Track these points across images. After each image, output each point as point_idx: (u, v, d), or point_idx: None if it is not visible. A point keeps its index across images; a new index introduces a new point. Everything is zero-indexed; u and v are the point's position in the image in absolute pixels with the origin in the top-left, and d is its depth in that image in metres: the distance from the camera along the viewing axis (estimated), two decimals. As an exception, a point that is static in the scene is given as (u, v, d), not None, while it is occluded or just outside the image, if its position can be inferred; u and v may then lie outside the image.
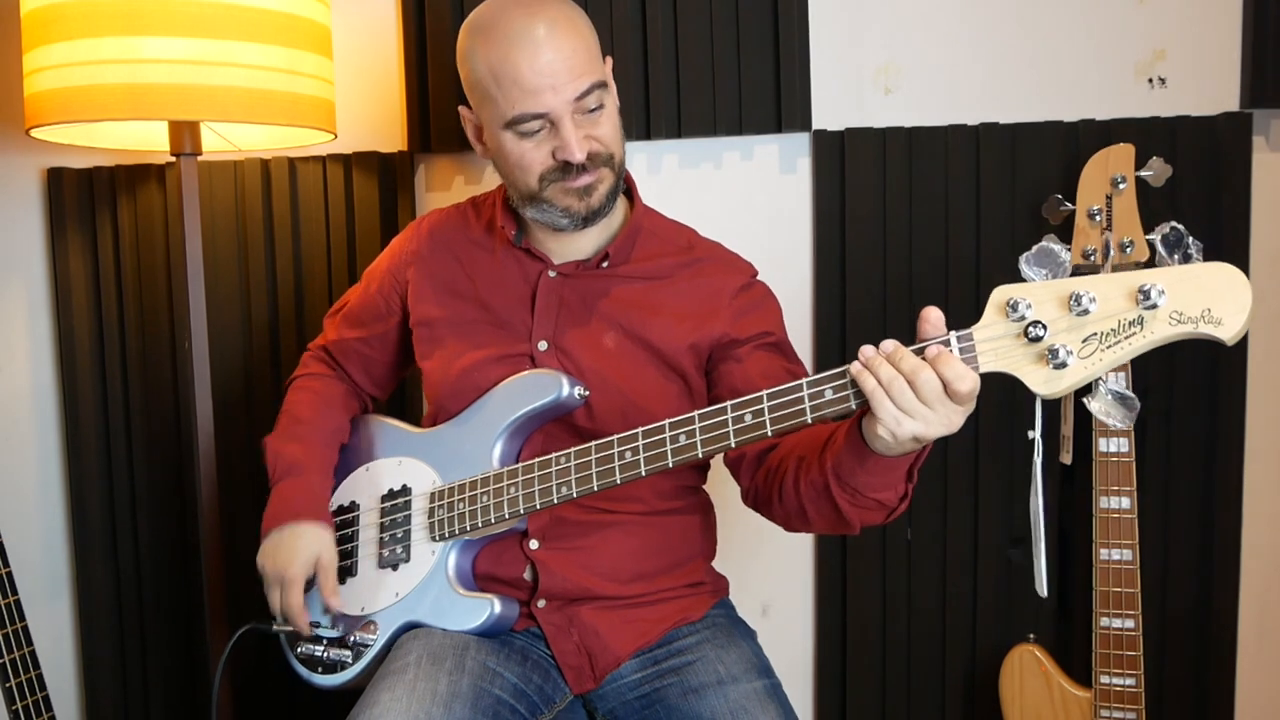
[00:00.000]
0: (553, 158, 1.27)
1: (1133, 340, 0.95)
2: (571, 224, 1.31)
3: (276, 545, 1.36)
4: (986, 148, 1.82)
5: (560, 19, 1.25)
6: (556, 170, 1.28)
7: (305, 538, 1.36)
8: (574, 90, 1.24)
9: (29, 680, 1.72)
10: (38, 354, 2.03)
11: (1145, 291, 0.93)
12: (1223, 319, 0.91)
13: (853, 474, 1.11)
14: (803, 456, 1.20)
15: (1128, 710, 1.66)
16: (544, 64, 1.23)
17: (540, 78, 1.23)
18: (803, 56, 1.84)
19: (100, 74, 1.48)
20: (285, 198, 1.92)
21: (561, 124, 1.25)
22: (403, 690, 1.18)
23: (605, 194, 1.31)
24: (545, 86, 1.23)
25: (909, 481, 1.13)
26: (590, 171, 1.28)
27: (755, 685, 1.27)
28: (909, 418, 1.00)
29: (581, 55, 1.25)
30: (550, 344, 1.34)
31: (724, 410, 1.13)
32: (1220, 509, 1.82)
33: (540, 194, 1.30)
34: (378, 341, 1.51)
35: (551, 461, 1.25)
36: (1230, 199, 1.78)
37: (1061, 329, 0.97)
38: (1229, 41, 1.81)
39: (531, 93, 1.24)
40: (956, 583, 1.88)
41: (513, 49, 1.24)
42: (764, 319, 1.37)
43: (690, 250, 1.40)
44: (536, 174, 1.29)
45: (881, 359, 1.01)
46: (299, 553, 1.35)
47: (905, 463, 1.09)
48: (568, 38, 1.25)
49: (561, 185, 1.29)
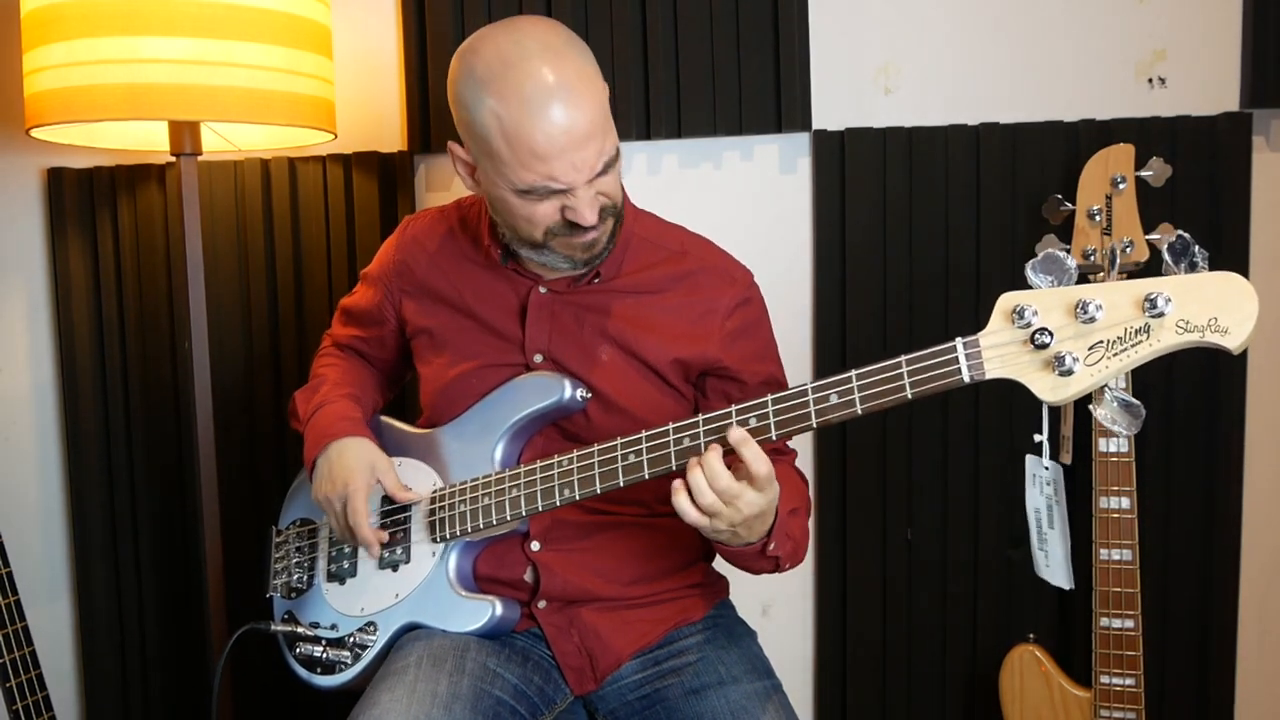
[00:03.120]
0: (561, 215, 1.22)
1: (1139, 348, 0.96)
2: (572, 268, 1.29)
3: (330, 468, 1.33)
4: (986, 148, 1.82)
5: (578, 81, 1.16)
6: (564, 226, 1.22)
7: (353, 449, 1.34)
8: (595, 167, 1.18)
9: (29, 680, 1.73)
10: (38, 354, 2.03)
11: (1152, 300, 0.94)
12: (1229, 328, 0.92)
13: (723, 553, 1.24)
14: None
15: (1128, 710, 1.66)
16: (564, 136, 1.14)
17: (561, 151, 1.15)
18: (803, 56, 1.84)
19: (100, 74, 1.48)
20: (285, 198, 1.92)
21: (578, 195, 1.19)
22: (403, 691, 1.18)
23: (607, 240, 1.27)
24: (566, 162, 1.16)
25: (770, 560, 1.23)
26: (598, 228, 1.24)
27: (756, 686, 1.28)
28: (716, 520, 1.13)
29: (599, 121, 1.17)
30: (546, 358, 1.34)
31: (729, 415, 1.13)
32: (1220, 509, 1.82)
33: (543, 244, 1.25)
34: (376, 343, 1.51)
35: (554, 463, 1.24)
36: (1230, 199, 1.78)
37: (1068, 336, 0.97)
38: (1229, 41, 1.81)
39: (549, 165, 1.16)
40: (956, 583, 1.88)
41: (530, 115, 1.14)
42: (755, 342, 1.36)
43: (684, 258, 1.36)
44: (543, 229, 1.23)
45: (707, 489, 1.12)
46: (355, 465, 1.32)
47: (749, 553, 1.21)
48: (588, 103, 1.16)
49: (567, 240, 1.24)
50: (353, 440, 1.36)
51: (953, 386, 1.03)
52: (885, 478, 1.88)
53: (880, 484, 1.88)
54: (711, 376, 1.34)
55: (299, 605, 1.43)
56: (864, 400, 1.06)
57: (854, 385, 1.07)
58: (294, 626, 1.40)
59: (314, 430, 1.39)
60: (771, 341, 1.39)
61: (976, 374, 1.02)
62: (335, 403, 1.41)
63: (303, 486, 1.52)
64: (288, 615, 1.43)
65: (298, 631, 1.39)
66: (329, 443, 1.35)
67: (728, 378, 1.34)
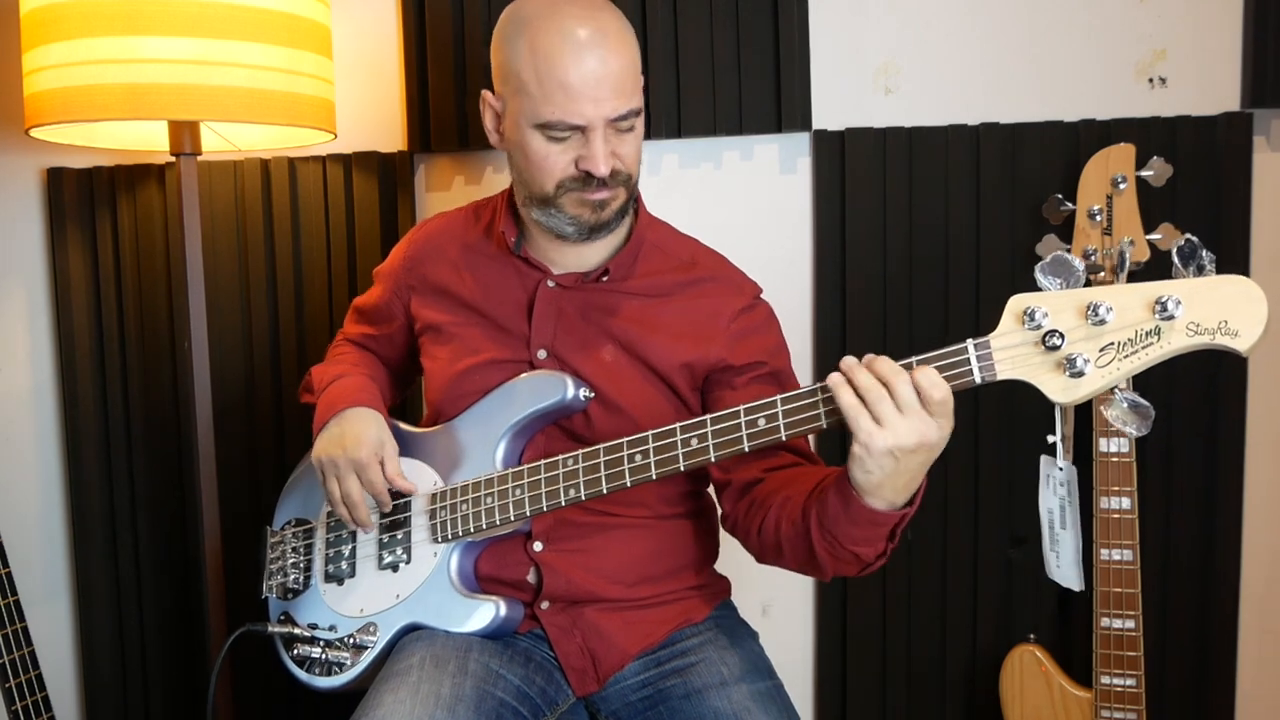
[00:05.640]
0: (575, 166, 1.24)
1: (1150, 350, 0.97)
2: (577, 233, 1.29)
3: (340, 433, 1.33)
4: (986, 148, 1.82)
5: (614, 32, 1.22)
6: (576, 180, 1.25)
7: (364, 420, 1.34)
8: (615, 109, 1.22)
9: (29, 680, 1.73)
10: (38, 354, 2.03)
11: (1162, 303, 0.95)
12: (1239, 331, 0.94)
13: (836, 521, 1.11)
14: (789, 496, 1.21)
15: (1128, 710, 1.66)
16: (592, 75, 1.19)
17: (586, 87, 1.19)
18: (803, 56, 1.84)
19: (100, 74, 1.48)
20: (285, 198, 1.92)
21: (593, 137, 1.22)
22: (406, 693, 1.18)
23: (616, 210, 1.29)
24: (589, 98, 1.20)
25: (890, 541, 1.13)
26: (609, 187, 1.26)
27: (758, 686, 1.28)
28: (879, 429, 1.01)
29: (629, 75, 1.23)
30: (549, 353, 1.34)
31: (736, 414, 1.13)
32: (1220, 509, 1.82)
33: (554, 199, 1.27)
34: (385, 341, 1.52)
35: (558, 464, 1.24)
36: (1230, 199, 1.78)
37: (1079, 338, 0.98)
38: (1229, 41, 1.81)
39: (574, 100, 1.20)
40: (956, 583, 1.89)
41: (564, 50, 1.20)
42: (762, 344, 1.35)
43: (693, 267, 1.37)
44: (555, 179, 1.26)
45: (861, 367, 1.03)
46: (365, 435, 1.32)
47: (890, 520, 1.09)
48: (619, 54, 1.22)
49: (578, 195, 1.26)
50: (370, 412, 1.36)
51: (964, 388, 1.03)
52: (885, 478, 1.87)
53: (880, 484, 1.88)
54: (715, 374, 1.33)
55: (295, 606, 1.42)
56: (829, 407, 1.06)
57: None
58: (292, 627, 1.39)
59: (329, 396, 1.39)
60: (782, 344, 1.38)
61: (988, 375, 1.02)
62: (354, 377, 1.43)
63: (296, 485, 1.52)
64: (284, 616, 1.43)
65: (296, 633, 1.39)
66: (346, 407, 1.36)
67: (730, 369, 1.33)
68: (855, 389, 1.03)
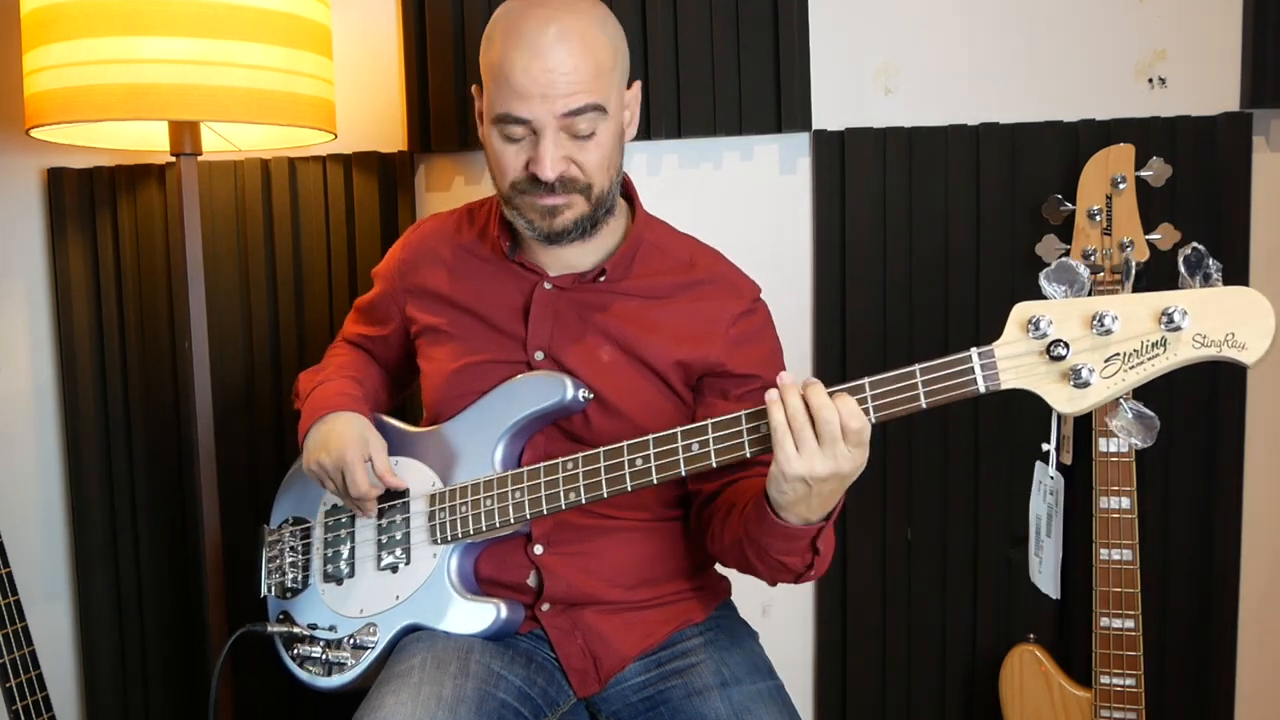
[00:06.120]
0: (525, 168, 1.24)
1: (1155, 361, 0.96)
2: (536, 237, 1.29)
3: (326, 437, 1.34)
4: (986, 148, 1.82)
5: (574, 30, 1.20)
6: (526, 181, 1.24)
7: (348, 422, 1.35)
8: (563, 106, 1.19)
9: (29, 680, 1.73)
10: (38, 354, 2.03)
11: (1169, 314, 0.94)
12: (1246, 343, 0.93)
13: (758, 534, 1.16)
14: (734, 504, 1.24)
15: (1128, 710, 1.66)
16: (539, 71, 1.18)
17: (532, 84, 1.18)
18: (803, 56, 1.84)
19: (100, 74, 1.48)
20: (285, 198, 1.92)
21: (542, 136, 1.21)
22: (407, 694, 1.17)
23: (573, 220, 1.27)
24: (535, 94, 1.19)
25: (813, 553, 1.16)
26: (559, 194, 1.24)
27: (758, 686, 1.28)
28: (797, 456, 1.05)
29: (585, 72, 1.20)
30: (546, 355, 1.33)
31: (738, 420, 1.13)
32: (1220, 509, 1.82)
33: (510, 200, 1.27)
34: (382, 342, 1.52)
35: (558, 467, 1.24)
36: (1230, 199, 1.78)
37: (1084, 348, 0.98)
38: (1229, 41, 1.81)
39: (519, 96, 1.19)
40: (956, 583, 1.89)
41: (517, 47, 1.19)
42: (759, 353, 1.34)
43: (692, 268, 1.36)
44: (509, 178, 1.25)
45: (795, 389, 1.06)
46: (349, 435, 1.33)
47: (805, 534, 1.13)
48: (575, 51, 1.19)
49: (529, 198, 1.25)
50: (349, 414, 1.37)
51: (967, 396, 1.03)
52: (885, 478, 1.88)
53: (880, 484, 1.88)
54: (710, 377, 1.33)
55: (294, 606, 1.42)
56: (878, 409, 1.06)
57: (868, 394, 1.06)
58: (292, 627, 1.39)
59: (311, 403, 1.40)
60: (777, 350, 1.38)
61: (992, 384, 1.01)
62: (336, 381, 1.43)
63: (293, 483, 1.51)
64: (283, 615, 1.43)
65: (296, 632, 1.39)
66: (325, 414, 1.37)
67: (727, 376, 1.33)
68: (785, 411, 1.06)
